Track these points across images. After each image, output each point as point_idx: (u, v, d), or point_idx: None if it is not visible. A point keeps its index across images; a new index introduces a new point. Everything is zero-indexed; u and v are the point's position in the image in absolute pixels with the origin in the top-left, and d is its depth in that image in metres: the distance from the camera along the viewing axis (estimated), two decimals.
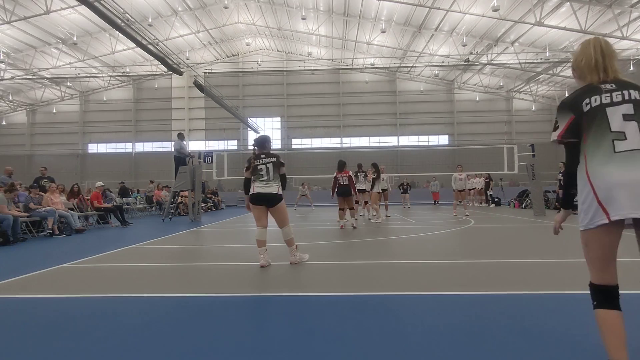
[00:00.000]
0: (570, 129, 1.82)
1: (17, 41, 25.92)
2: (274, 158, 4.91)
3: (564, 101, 1.88)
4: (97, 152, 37.19)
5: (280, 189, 4.88)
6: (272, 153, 4.98)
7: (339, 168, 9.63)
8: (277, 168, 4.88)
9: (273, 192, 4.80)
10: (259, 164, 4.86)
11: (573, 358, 2.13)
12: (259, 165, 4.85)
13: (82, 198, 11.12)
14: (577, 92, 1.85)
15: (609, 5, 19.26)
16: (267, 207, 4.88)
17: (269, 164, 4.84)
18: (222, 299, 3.42)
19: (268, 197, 4.80)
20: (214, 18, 28.67)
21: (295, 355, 2.19)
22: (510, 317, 2.78)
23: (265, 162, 4.85)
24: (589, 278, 1.82)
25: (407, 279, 4.11)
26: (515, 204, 17.94)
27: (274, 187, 4.82)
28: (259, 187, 4.81)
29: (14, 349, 2.37)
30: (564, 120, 1.84)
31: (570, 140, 1.84)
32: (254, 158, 4.93)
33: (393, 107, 35.32)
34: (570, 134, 1.82)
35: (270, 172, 4.82)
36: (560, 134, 1.85)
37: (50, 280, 4.27)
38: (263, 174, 4.82)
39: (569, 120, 1.82)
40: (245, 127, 34.99)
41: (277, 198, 4.83)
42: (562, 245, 6.45)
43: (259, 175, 4.84)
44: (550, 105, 34.62)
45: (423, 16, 24.09)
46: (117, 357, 2.23)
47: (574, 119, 1.80)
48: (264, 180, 4.81)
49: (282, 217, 4.90)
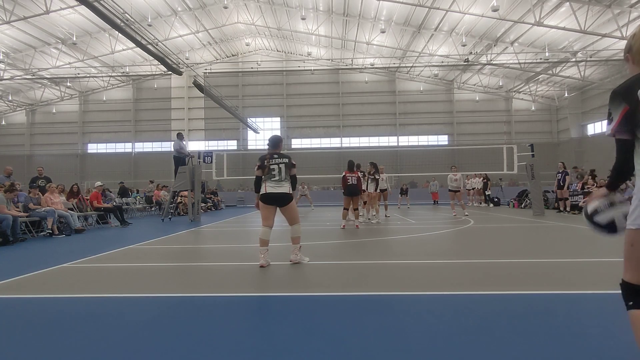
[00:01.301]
0: (624, 121, 1.63)
1: (16, 41, 25.90)
2: (287, 159, 4.96)
3: (616, 90, 1.68)
4: (97, 152, 37.17)
5: (290, 189, 4.94)
6: (284, 154, 5.04)
7: (349, 168, 9.69)
8: (288, 169, 4.94)
9: (285, 192, 4.88)
10: (272, 163, 4.91)
11: (573, 358, 2.13)
12: (272, 165, 4.90)
13: (81, 198, 11.11)
14: (631, 80, 1.67)
15: (608, 5, 19.26)
16: (278, 207, 4.96)
17: (281, 165, 4.90)
18: (221, 299, 3.42)
19: (280, 197, 4.87)
20: (214, 18, 28.66)
21: (295, 355, 2.19)
22: (510, 317, 2.79)
23: (278, 163, 4.91)
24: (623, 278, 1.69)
25: (407, 279, 4.12)
26: (515, 204, 17.96)
27: (286, 187, 4.90)
28: (271, 187, 4.87)
29: (14, 349, 2.37)
30: (617, 111, 1.65)
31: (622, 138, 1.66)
32: (267, 158, 4.96)
33: (393, 107, 35.32)
34: (624, 127, 1.65)
35: (282, 172, 4.89)
36: (614, 128, 1.66)
37: (50, 280, 4.27)
38: (275, 174, 4.87)
39: (622, 112, 1.63)
40: (244, 127, 34.99)
41: (289, 197, 4.92)
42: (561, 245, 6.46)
43: (270, 175, 4.88)
44: (549, 105, 34.66)
45: (423, 16, 24.09)
46: (117, 357, 2.23)
47: (628, 109, 1.62)
48: (276, 180, 4.87)
49: (293, 215, 5.00)
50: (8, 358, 2.24)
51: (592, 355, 2.14)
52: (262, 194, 4.90)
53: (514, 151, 13.56)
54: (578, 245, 6.52)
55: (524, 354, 2.16)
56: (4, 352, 2.31)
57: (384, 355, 2.17)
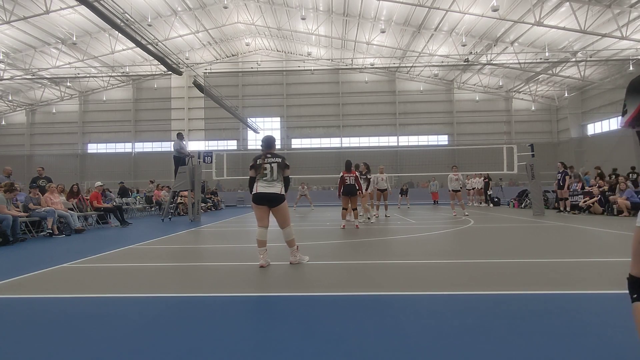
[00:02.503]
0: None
1: (16, 41, 25.91)
2: (279, 159, 4.90)
3: (634, 82, 1.61)
4: (97, 152, 37.18)
5: (283, 190, 4.86)
6: (277, 154, 4.98)
7: (347, 168, 9.73)
8: (281, 169, 4.87)
9: (276, 192, 4.79)
10: (264, 163, 4.86)
11: (573, 358, 2.13)
12: (265, 164, 4.85)
13: (81, 198, 11.11)
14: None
15: (608, 5, 19.27)
16: (269, 207, 4.87)
17: (273, 164, 4.84)
18: (221, 299, 3.43)
19: (270, 197, 4.78)
20: (214, 18, 28.66)
21: (295, 355, 2.19)
22: (509, 317, 2.79)
23: (270, 162, 4.85)
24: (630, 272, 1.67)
25: (407, 278, 4.12)
26: (515, 204, 17.96)
27: (277, 187, 4.81)
28: (262, 187, 4.80)
29: (14, 349, 2.37)
30: (633, 104, 1.58)
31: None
32: (260, 157, 4.93)
33: (392, 107, 35.33)
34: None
35: (274, 172, 4.82)
36: (628, 120, 1.59)
37: (50, 280, 4.27)
38: (267, 173, 4.81)
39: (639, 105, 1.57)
40: (244, 127, 35.00)
41: (280, 198, 4.82)
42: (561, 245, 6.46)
43: (262, 175, 4.83)
44: (549, 105, 34.66)
45: (422, 16, 24.10)
46: (117, 357, 2.24)
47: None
48: (267, 180, 4.81)
49: (283, 217, 4.89)
50: (8, 358, 2.24)
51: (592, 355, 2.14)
52: (253, 194, 4.85)
53: (514, 151, 13.56)
54: (578, 245, 6.52)
55: (523, 354, 2.16)
56: (4, 352, 2.31)
57: (384, 355, 2.17)
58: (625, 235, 7.26)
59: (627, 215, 11.37)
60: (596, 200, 12.87)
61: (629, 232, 8.25)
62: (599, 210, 12.67)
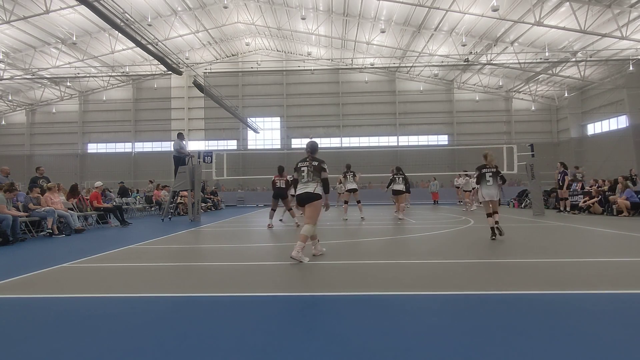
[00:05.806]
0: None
1: (16, 41, 25.89)
2: (316, 162, 5.32)
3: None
4: (97, 152, 37.16)
5: (318, 189, 5.19)
6: (316, 158, 5.41)
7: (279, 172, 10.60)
8: (317, 172, 5.27)
9: (309, 191, 5.20)
10: (301, 165, 5.38)
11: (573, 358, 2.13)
12: (302, 167, 5.36)
13: (81, 198, 11.11)
14: None
15: (608, 5, 19.27)
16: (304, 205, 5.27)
17: (309, 167, 5.31)
18: (221, 299, 3.42)
19: (304, 196, 5.23)
20: (214, 18, 28.66)
21: (296, 355, 2.19)
22: (509, 317, 2.79)
23: (307, 165, 5.33)
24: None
25: (407, 278, 4.12)
26: (515, 203, 17.97)
27: (310, 187, 5.21)
28: (300, 189, 5.30)
29: (14, 349, 2.37)
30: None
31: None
32: (300, 161, 5.45)
33: (392, 107, 35.32)
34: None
35: (309, 174, 5.28)
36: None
37: (50, 280, 4.27)
38: (304, 175, 5.31)
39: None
40: (244, 127, 34.98)
41: (312, 196, 5.19)
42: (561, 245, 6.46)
43: (300, 177, 5.34)
44: (549, 105, 34.66)
45: (422, 16, 24.09)
46: (117, 357, 2.23)
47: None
48: (304, 182, 5.29)
49: (310, 214, 5.22)
50: (8, 358, 2.24)
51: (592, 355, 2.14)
52: (293, 196, 5.35)
53: (514, 151, 13.58)
54: (578, 245, 6.52)
55: (523, 354, 2.16)
56: (4, 352, 2.31)
57: (384, 355, 2.17)
58: (625, 236, 7.26)
59: (626, 215, 11.37)
60: (596, 201, 12.88)
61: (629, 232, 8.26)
62: (598, 210, 12.67)
